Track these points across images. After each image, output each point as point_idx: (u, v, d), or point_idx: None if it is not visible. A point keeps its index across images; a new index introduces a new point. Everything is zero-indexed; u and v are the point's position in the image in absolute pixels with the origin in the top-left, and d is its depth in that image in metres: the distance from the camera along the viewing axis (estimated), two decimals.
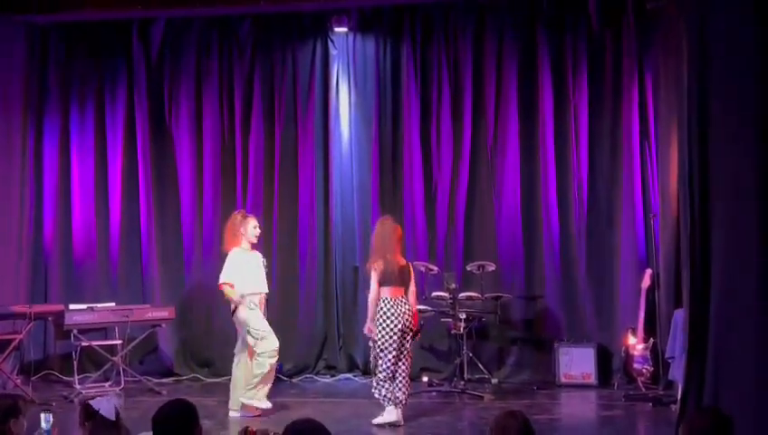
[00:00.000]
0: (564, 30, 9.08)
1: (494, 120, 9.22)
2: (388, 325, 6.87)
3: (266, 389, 7.32)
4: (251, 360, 7.33)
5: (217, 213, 9.57)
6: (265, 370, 7.22)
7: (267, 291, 7.60)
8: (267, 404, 7.27)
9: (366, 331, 7.07)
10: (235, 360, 7.49)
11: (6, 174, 9.28)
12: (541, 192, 9.09)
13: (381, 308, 6.91)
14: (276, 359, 7.35)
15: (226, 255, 7.50)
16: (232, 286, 7.32)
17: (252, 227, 7.47)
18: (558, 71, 9.08)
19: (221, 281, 7.39)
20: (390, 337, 6.86)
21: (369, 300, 7.01)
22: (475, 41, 9.26)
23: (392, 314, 6.87)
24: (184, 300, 9.50)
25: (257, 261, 7.52)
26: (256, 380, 7.23)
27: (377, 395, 6.93)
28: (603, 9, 8.96)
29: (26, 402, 4.08)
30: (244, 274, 7.37)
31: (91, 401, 3.81)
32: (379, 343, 6.88)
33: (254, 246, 7.56)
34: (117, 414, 3.77)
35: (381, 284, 6.95)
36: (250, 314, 7.30)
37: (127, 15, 9.42)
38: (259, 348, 7.24)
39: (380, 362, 6.88)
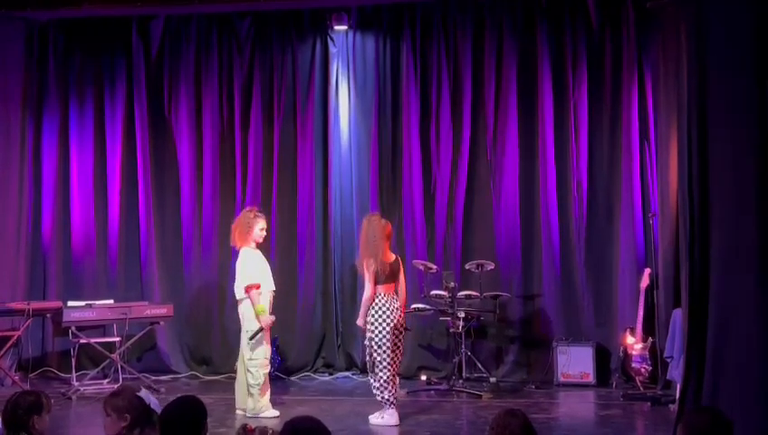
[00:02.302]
0: (564, 28, 9.07)
1: (493, 118, 9.21)
2: (383, 322, 6.86)
3: (267, 396, 7.30)
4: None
5: (216, 210, 9.57)
6: (261, 380, 7.20)
7: (275, 288, 7.57)
8: (275, 413, 7.22)
9: (360, 323, 7.05)
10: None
11: (5, 171, 9.27)
12: (540, 191, 9.08)
13: (376, 305, 6.90)
14: (268, 368, 7.32)
15: (236, 251, 7.49)
16: (258, 287, 7.24)
17: (258, 229, 7.41)
18: (557, 69, 9.08)
19: (248, 283, 7.22)
20: (387, 333, 6.85)
21: (365, 299, 6.95)
22: (475, 39, 9.25)
23: (386, 311, 6.87)
24: (182, 297, 9.49)
25: (264, 259, 7.50)
26: (255, 390, 7.20)
27: (380, 398, 6.92)
28: (602, 7, 8.96)
29: (49, 398, 4.03)
30: (261, 272, 7.34)
31: (138, 393, 3.79)
32: (377, 339, 6.88)
33: (257, 245, 7.51)
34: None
35: (375, 283, 6.93)
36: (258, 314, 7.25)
37: (126, 12, 9.40)
38: (250, 353, 7.21)
39: (378, 359, 6.87)
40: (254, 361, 7.21)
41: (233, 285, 9.21)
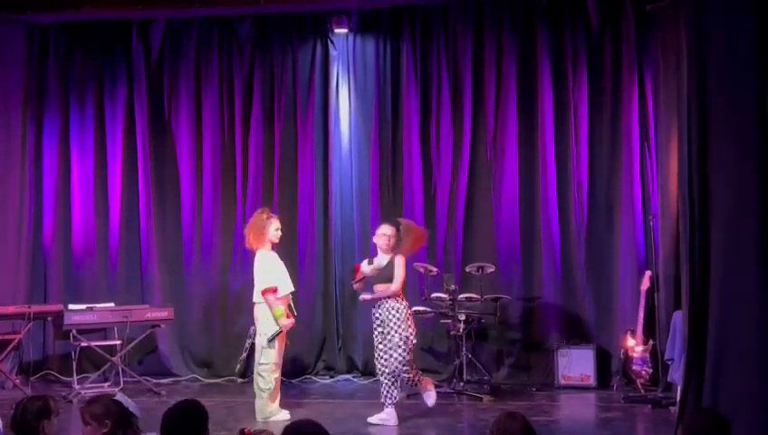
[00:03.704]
0: (564, 30, 9.08)
1: (493, 120, 9.22)
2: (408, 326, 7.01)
3: (278, 401, 7.26)
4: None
5: (217, 213, 9.58)
6: (272, 385, 7.16)
7: (293, 289, 7.53)
8: (286, 416, 7.18)
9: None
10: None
11: (6, 173, 9.29)
12: (540, 193, 9.08)
13: (400, 309, 7.01)
14: (279, 374, 7.27)
15: (250, 254, 7.46)
16: (275, 291, 7.16)
17: (273, 229, 7.37)
18: (557, 71, 9.08)
19: (265, 286, 7.14)
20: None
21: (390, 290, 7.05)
22: (475, 41, 9.26)
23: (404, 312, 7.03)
24: (183, 300, 9.49)
25: (280, 261, 7.45)
26: (266, 395, 7.18)
27: (387, 395, 6.96)
28: (602, 9, 8.96)
29: (56, 402, 4.03)
30: (278, 275, 7.30)
31: (116, 398, 3.79)
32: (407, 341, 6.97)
33: (273, 246, 7.47)
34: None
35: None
36: (271, 317, 7.21)
37: (127, 15, 9.41)
38: (263, 357, 7.20)
39: (396, 356, 6.90)
40: (264, 365, 7.18)
41: (233, 286, 9.30)
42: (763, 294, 5.45)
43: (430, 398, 7.15)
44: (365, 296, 7.19)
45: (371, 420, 7.00)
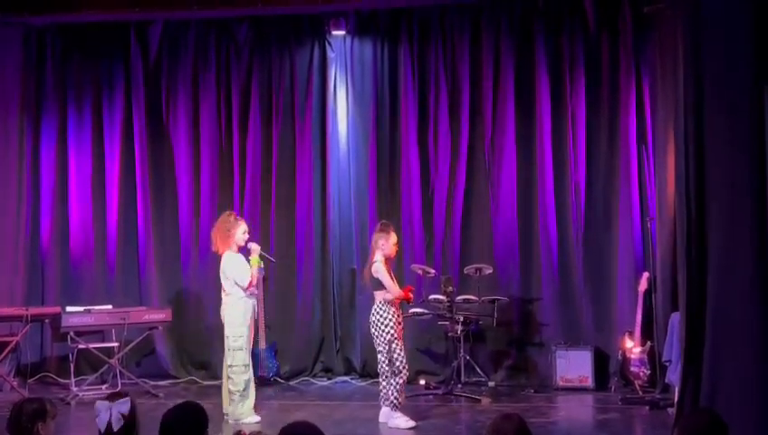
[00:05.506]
0: (561, 33, 9.08)
1: (491, 122, 9.22)
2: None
3: (249, 402, 7.24)
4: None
5: (215, 215, 9.49)
6: (241, 387, 7.17)
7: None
8: (256, 418, 7.19)
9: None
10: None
11: (3, 176, 9.29)
12: (538, 195, 9.08)
13: (386, 311, 7.01)
14: (248, 375, 7.25)
15: (219, 256, 7.46)
16: (251, 282, 7.28)
17: (241, 232, 7.40)
18: (555, 74, 9.08)
19: (247, 282, 7.24)
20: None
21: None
22: (472, 44, 9.26)
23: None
24: (181, 302, 9.49)
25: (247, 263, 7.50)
26: (236, 396, 7.18)
27: (395, 400, 6.98)
28: (600, 11, 8.97)
29: (53, 404, 4.02)
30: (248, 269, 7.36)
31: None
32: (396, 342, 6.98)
33: (239, 249, 7.49)
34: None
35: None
36: (241, 316, 7.25)
37: (124, 17, 9.41)
38: (230, 359, 7.21)
39: (396, 357, 6.93)
40: (234, 367, 7.20)
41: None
42: (760, 295, 5.47)
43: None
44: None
45: (401, 424, 6.98)
